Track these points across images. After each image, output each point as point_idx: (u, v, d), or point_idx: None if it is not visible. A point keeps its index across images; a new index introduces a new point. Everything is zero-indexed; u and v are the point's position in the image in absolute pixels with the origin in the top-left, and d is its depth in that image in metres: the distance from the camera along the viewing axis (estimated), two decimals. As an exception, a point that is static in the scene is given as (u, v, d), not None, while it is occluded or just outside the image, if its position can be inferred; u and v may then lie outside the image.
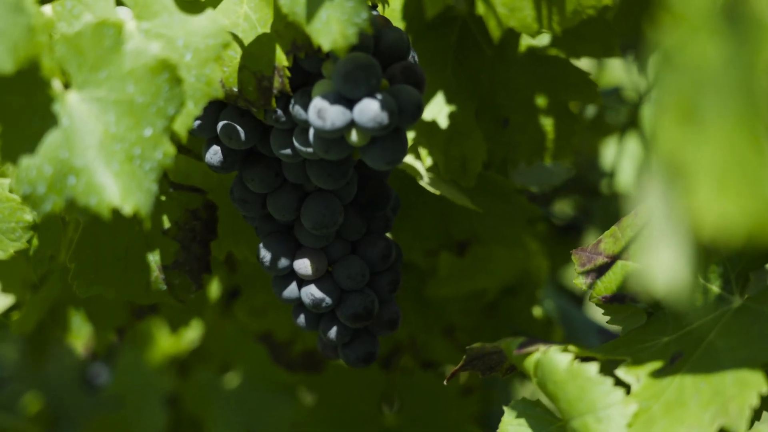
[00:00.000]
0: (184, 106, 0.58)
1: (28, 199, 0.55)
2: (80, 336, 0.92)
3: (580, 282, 0.72)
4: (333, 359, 0.82)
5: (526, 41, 0.82)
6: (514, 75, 0.82)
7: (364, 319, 0.76)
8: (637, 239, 0.69)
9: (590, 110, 1.24)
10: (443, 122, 0.82)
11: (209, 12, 0.60)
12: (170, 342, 1.33)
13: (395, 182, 0.88)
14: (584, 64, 0.89)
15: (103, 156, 0.56)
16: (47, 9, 0.58)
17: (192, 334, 1.30)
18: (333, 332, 0.77)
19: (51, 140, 0.56)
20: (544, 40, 0.83)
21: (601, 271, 0.72)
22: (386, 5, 0.77)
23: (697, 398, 0.58)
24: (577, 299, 1.34)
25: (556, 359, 0.61)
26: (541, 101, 0.83)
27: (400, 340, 1.02)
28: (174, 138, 0.59)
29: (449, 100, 0.83)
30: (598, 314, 0.80)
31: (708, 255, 0.64)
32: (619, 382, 0.61)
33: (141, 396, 1.30)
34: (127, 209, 0.57)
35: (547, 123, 0.84)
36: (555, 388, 0.60)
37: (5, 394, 1.53)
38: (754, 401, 0.55)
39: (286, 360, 0.96)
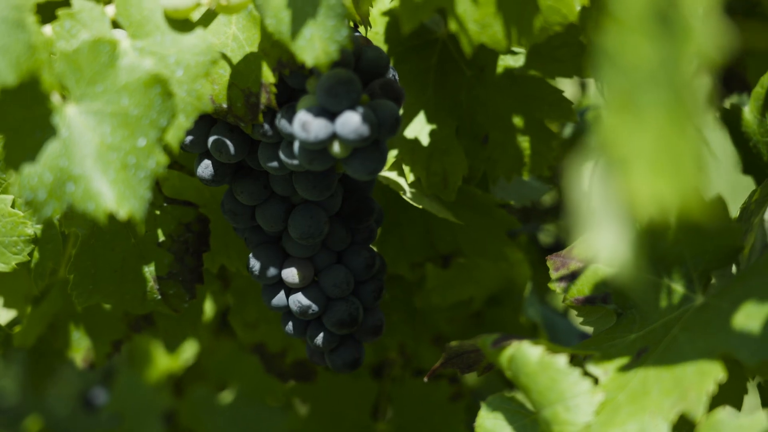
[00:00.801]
0: (175, 118, 0.61)
1: (30, 205, 0.59)
2: (80, 349, 0.95)
3: (554, 286, 0.76)
4: (321, 365, 0.85)
5: (503, 62, 0.86)
6: (492, 94, 0.86)
7: (349, 325, 0.79)
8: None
9: (569, 130, 1.28)
10: (425, 140, 0.86)
11: (199, 31, 0.64)
12: (167, 361, 1.36)
13: (382, 198, 0.92)
14: (568, 88, 0.92)
15: (100, 165, 0.60)
16: (47, 29, 0.62)
17: (188, 352, 1.33)
18: (320, 339, 0.80)
19: (51, 150, 0.59)
20: (520, 61, 0.86)
21: (574, 274, 0.75)
22: (369, 27, 0.81)
23: (659, 387, 0.61)
24: (562, 315, 1.37)
25: (528, 352, 0.64)
26: (518, 119, 0.86)
27: (391, 349, 1.05)
28: (167, 150, 0.62)
29: (430, 118, 0.86)
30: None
31: (664, 246, 0.68)
32: (588, 375, 0.65)
33: (139, 413, 1.32)
34: (122, 214, 0.60)
35: (525, 140, 0.86)
36: (527, 380, 0.63)
37: (7, 416, 1.55)
38: (711, 388, 0.59)
39: (278, 370, 0.99)
